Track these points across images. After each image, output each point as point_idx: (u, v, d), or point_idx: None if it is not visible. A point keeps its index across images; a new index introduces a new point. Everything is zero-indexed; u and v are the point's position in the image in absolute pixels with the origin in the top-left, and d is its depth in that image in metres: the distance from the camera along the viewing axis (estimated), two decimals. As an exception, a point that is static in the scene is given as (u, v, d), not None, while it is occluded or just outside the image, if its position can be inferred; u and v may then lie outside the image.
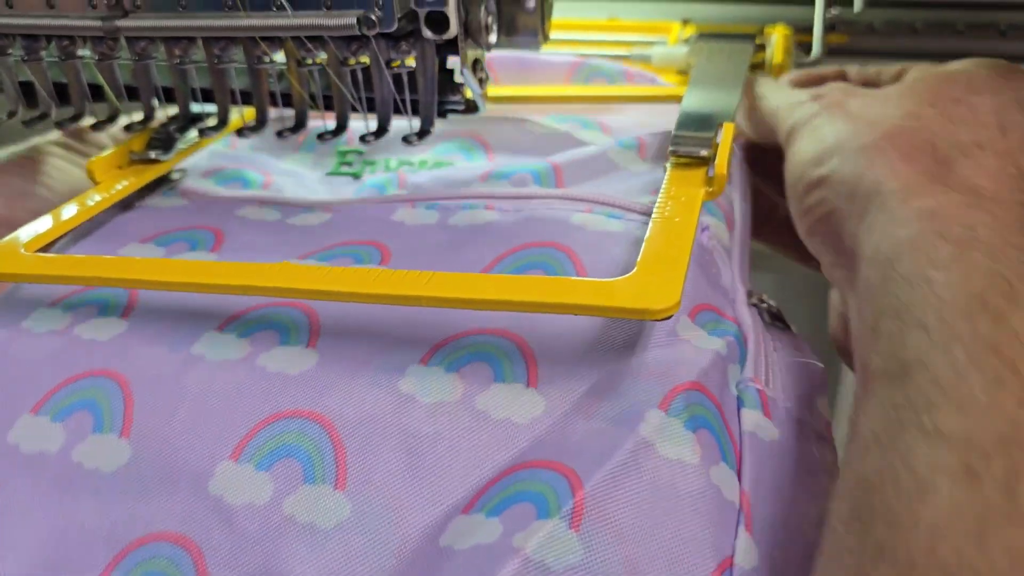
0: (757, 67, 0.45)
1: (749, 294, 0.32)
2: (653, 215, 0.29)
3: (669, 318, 0.25)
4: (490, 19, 0.33)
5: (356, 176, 0.40)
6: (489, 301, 0.26)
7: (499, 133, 0.41)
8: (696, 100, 0.37)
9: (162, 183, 0.39)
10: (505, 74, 0.42)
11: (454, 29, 0.32)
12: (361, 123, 0.37)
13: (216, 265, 0.31)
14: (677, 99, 0.40)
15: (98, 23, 0.33)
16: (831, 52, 0.50)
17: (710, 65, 0.42)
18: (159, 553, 0.24)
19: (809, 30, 0.47)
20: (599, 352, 0.26)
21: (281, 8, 0.31)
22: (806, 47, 0.48)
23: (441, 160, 0.40)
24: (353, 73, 0.35)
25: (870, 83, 0.37)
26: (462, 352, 0.27)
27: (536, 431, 0.25)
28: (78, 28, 0.33)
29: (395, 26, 0.31)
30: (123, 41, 0.35)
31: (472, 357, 0.27)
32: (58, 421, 0.27)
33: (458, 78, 0.36)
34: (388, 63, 0.34)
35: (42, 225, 0.33)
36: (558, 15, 0.38)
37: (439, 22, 0.32)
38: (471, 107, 0.37)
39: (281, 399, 0.26)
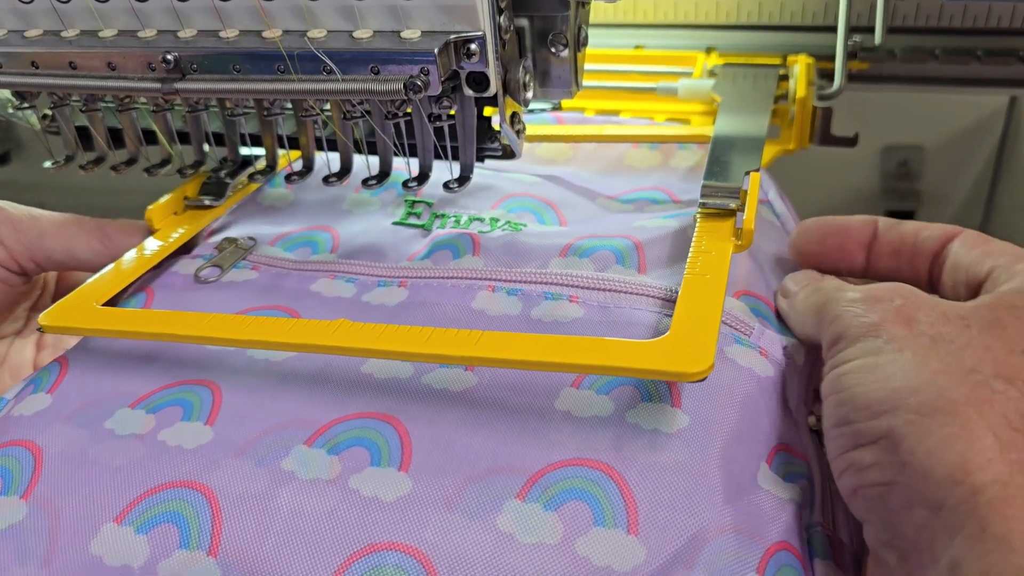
0: (781, 98, 0.46)
1: (808, 414, 0.32)
2: (685, 272, 0.31)
3: (703, 380, 0.27)
4: (528, 77, 0.35)
5: (425, 229, 0.40)
6: (526, 361, 0.27)
7: (570, 203, 0.41)
8: (723, 146, 0.38)
9: (232, 246, 0.39)
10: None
11: (494, 88, 0.34)
12: (403, 167, 0.39)
13: (297, 324, 0.31)
14: (705, 139, 0.42)
15: (157, 85, 0.34)
16: (852, 78, 0.51)
17: (735, 103, 0.43)
18: None
19: (831, 57, 0.48)
20: (695, 498, 0.26)
21: (331, 73, 0.33)
22: (828, 73, 0.49)
23: (512, 220, 0.39)
24: (396, 123, 0.37)
25: (922, 272, 0.32)
26: (560, 488, 0.26)
27: None
28: (138, 89, 0.35)
29: (440, 90, 0.32)
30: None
31: (570, 495, 0.26)
32: (142, 533, 0.27)
33: (496, 126, 0.38)
34: (430, 116, 0.36)
35: (107, 277, 0.35)
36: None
37: (479, 81, 0.34)
38: (508, 153, 0.38)
39: (376, 529, 0.26)
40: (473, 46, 0.32)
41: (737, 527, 0.26)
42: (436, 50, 0.31)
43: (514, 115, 0.36)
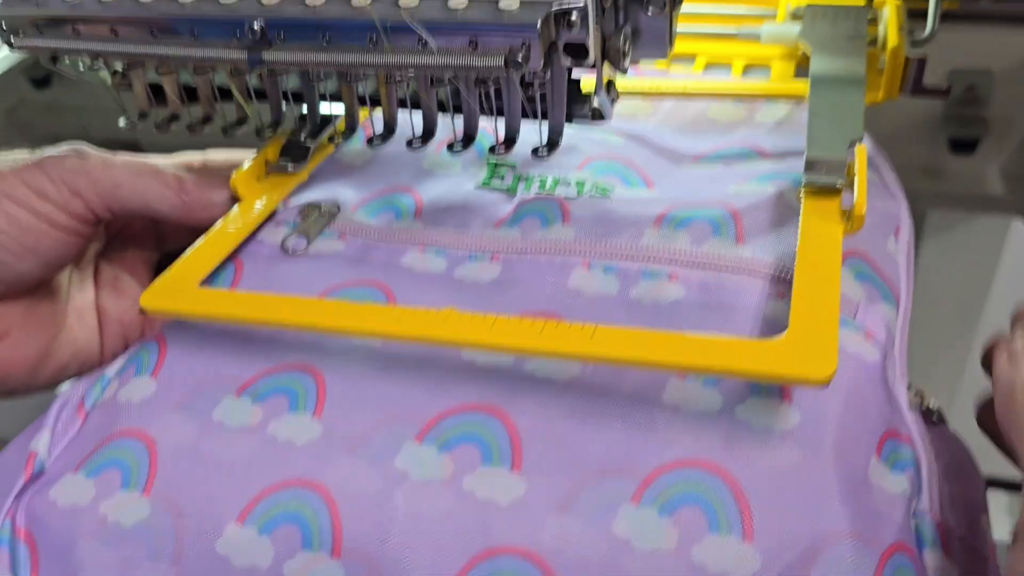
0: (870, 44, 0.44)
1: (908, 388, 0.32)
2: (796, 259, 0.30)
3: (827, 385, 0.26)
4: (627, 45, 0.34)
5: (510, 192, 0.39)
6: (644, 361, 0.27)
7: (655, 165, 0.40)
8: (820, 110, 0.37)
9: (316, 212, 0.39)
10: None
11: (592, 58, 0.32)
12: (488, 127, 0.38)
13: (404, 313, 0.31)
14: (798, 96, 0.41)
15: (243, 55, 0.33)
16: (941, 18, 0.49)
17: (827, 57, 0.41)
18: None
19: (920, -5, 0.46)
20: (810, 503, 0.26)
21: (426, 45, 0.32)
22: (918, 14, 0.47)
23: (600, 183, 0.38)
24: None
25: None
26: (673, 492, 0.26)
27: None
28: (224, 60, 0.34)
29: (541, 63, 0.31)
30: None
31: (684, 500, 0.26)
32: (266, 534, 0.27)
33: (585, 89, 0.37)
34: (522, 83, 0.35)
35: (201, 252, 0.35)
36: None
37: (577, 51, 0.33)
38: (597, 115, 0.37)
39: (494, 532, 0.26)
40: (574, 16, 0.31)
41: (853, 532, 0.26)
42: (538, 23, 0.30)
43: (609, 83, 0.35)
